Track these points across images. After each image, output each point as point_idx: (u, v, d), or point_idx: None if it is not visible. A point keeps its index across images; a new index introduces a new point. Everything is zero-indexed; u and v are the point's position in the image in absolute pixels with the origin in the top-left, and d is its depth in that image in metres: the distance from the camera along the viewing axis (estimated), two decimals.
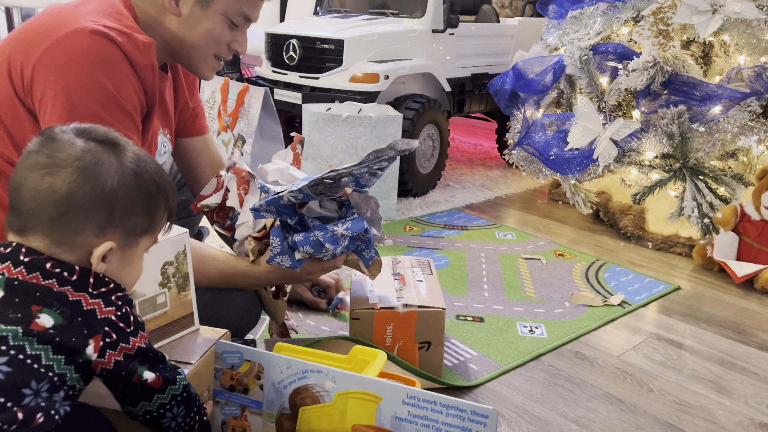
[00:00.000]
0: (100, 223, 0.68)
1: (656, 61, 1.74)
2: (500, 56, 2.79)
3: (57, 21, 0.91)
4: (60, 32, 0.89)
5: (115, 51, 0.91)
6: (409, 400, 0.77)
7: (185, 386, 0.75)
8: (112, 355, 0.68)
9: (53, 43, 0.88)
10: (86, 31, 0.89)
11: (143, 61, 0.95)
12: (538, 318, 1.42)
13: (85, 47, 0.89)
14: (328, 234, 1.00)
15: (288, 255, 1.01)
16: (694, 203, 1.74)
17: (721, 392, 1.17)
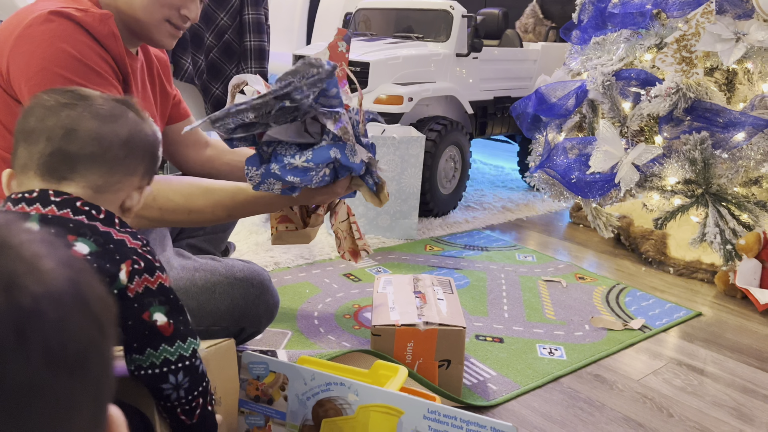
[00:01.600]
0: (147, 167, 0.74)
1: (679, 88, 1.75)
2: (523, 80, 2.82)
3: (22, 14, 0.97)
4: (23, 22, 0.94)
5: (73, 26, 0.95)
6: (430, 414, 0.78)
7: (195, 352, 0.71)
8: (137, 284, 0.67)
9: (19, 33, 0.93)
10: (44, 14, 0.94)
11: (103, 29, 0.98)
12: (558, 340, 1.42)
13: (45, 28, 0.93)
14: (286, 166, 0.92)
15: (275, 182, 0.94)
16: (717, 229, 1.73)
17: (743, 419, 1.16)
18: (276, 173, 0.92)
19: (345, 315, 1.50)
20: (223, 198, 1.03)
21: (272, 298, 1.16)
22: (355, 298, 1.59)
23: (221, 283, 1.11)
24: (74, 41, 0.95)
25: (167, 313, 0.69)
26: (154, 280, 0.69)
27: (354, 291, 1.64)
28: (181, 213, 1.01)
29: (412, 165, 2.05)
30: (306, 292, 1.61)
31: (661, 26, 1.97)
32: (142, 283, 0.68)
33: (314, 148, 0.92)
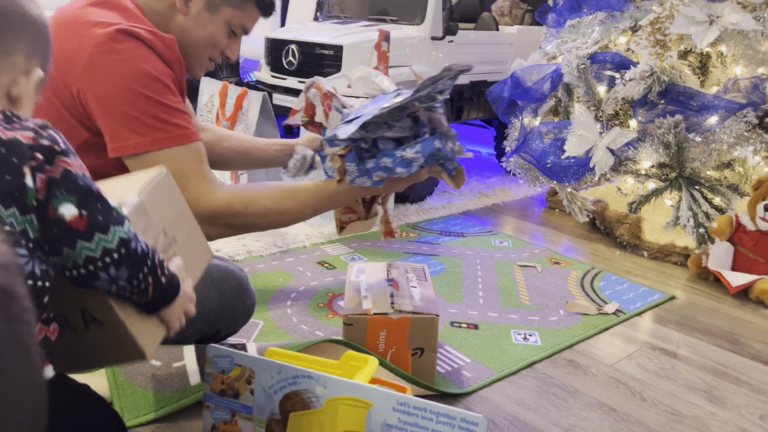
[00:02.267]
0: (31, 46, 0.62)
1: (653, 71, 1.74)
2: (499, 64, 2.80)
3: (80, 30, 0.96)
4: (89, 41, 0.95)
5: (144, 46, 0.97)
6: (400, 407, 0.76)
7: (123, 241, 0.60)
8: (41, 181, 0.57)
9: (91, 53, 0.94)
10: (113, 33, 0.95)
11: (170, 54, 1.02)
12: (533, 326, 1.42)
13: (121, 47, 0.95)
14: (397, 159, 1.00)
15: (367, 176, 1.03)
16: (690, 213, 1.74)
17: (715, 402, 1.16)
18: (387, 166, 1.00)
19: (319, 304, 1.47)
20: (308, 197, 1.07)
21: (249, 300, 1.13)
22: (329, 287, 1.57)
23: (197, 284, 1.07)
24: (150, 60, 0.97)
25: (78, 204, 0.58)
26: (55, 167, 0.57)
27: (328, 279, 1.62)
28: (273, 216, 1.05)
29: None
30: (279, 281, 1.59)
31: (635, 9, 1.96)
32: (45, 176, 0.56)
33: (421, 141, 1.00)
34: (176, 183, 0.89)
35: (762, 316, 1.55)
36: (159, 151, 0.97)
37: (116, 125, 0.95)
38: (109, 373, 1.03)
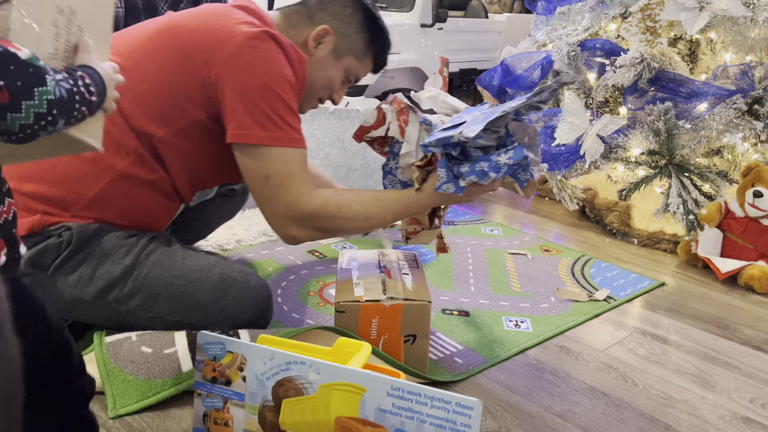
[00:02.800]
0: None
1: (643, 58, 1.74)
2: (488, 52, 2.79)
3: (226, 23, 1.06)
4: (236, 34, 1.04)
5: (284, 55, 1.07)
6: (394, 392, 0.76)
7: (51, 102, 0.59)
8: None
9: (238, 45, 1.03)
10: (261, 33, 1.04)
11: (300, 72, 1.12)
12: (524, 312, 1.42)
13: (268, 47, 1.04)
14: (492, 164, 1.07)
15: (453, 183, 1.10)
16: (680, 200, 1.75)
17: (705, 386, 1.17)
18: (483, 170, 1.07)
19: (309, 292, 1.47)
20: (391, 204, 1.14)
21: (271, 314, 1.17)
22: (320, 275, 1.56)
23: (236, 286, 1.10)
24: (286, 66, 1.07)
25: None
26: None
27: (319, 268, 1.61)
28: (360, 221, 1.12)
29: None
30: (269, 270, 1.58)
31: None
32: None
33: (512, 148, 1.07)
34: (282, 181, 1.03)
35: (751, 301, 1.56)
36: (274, 148, 1.04)
37: (245, 114, 1.02)
38: (100, 361, 1.01)
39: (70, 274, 1.04)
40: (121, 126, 1.06)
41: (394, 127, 1.20)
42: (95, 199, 1.07)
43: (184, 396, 1.01)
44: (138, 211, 1.13)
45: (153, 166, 1.10)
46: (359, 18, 1.21)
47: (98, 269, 1.05)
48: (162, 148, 1.09)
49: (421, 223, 1.30)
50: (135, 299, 1.06)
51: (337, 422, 0.78)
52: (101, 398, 1.00)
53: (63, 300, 1.05)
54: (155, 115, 1.07)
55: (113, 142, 1.05)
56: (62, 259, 1.04)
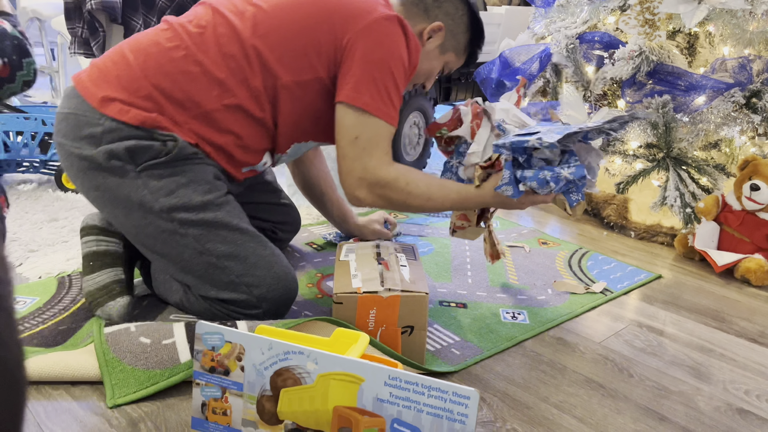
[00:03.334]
0: None
1: (642, 51, 1.74)
2: (487, 45, 2.78)
3: (370, 3, 1.20)
4: (373, 12, 1.18)
5: (406, 43, 1.20)
6: (391, 381, 0.76)
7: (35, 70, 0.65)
8: None
9: (373, 20, 1.17)
10: (395, 17, 1.19)
11: (414, 60, 1.23)
12: (521, 304, 1.43)
13: (397, 30, 1.18)
14: (554, 174, 1.15)
15: (513, 186, 1.18)
16: (677, 193, 1.75)
17: (700, 378, 1.18)
18: (545, 179, 1.15)
19: (308, 284, 1.47)
20: (452, 193, 1.23)
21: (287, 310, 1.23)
22: (318, 267, 1.57)
23: (281, 265, 1.20)
24: (406, 54, 1.20)
25: None
26: None
27: (317, 260, 1.61)
28: (422, 200, 1.21)
29: None
30: None
31: None
32: None
33: (576, 165, 1.16)
34: (368, 146, 1.17)
35: (747, 294, 1.57)
36: (373, 117, 1.17)
37: (362, 81, 1.15)
38: (99, 351, 1.02)
39: (155, 179, 1.13)
40: (253, 62, 1.17)
41: (466, 129, 1.29)
42: (206, 114, 1.16)
43: (183, 386, 1.02)
44: (235, 141, 1.21)
45: (265, 106, 1.20)
46: (467, 20, 1.35)
47: (180, 189, 1.13)
48: (282, 94, 1.19)
49: (470, 220, 1.40)
50: (197, 228, 1.14)
51: (334, 411, 0.79)
52: (100, 388, 1.01)
53: (132, 198, 1.13)
54: (285, 61, 1.17)
55: (242, 73, 1.16)
56: (156, 163, 1.13)
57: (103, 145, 1.12)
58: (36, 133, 1.98)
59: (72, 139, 1.14)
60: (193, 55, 1.16)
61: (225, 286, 1.15)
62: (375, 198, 1.20)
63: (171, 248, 1.15)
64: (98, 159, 1.12)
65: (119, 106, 1.12)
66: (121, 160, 1.12)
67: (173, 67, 1.15)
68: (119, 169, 1.12)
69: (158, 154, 1.13)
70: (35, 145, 1.98)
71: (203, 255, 1.14)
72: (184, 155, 1.14)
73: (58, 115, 1.17)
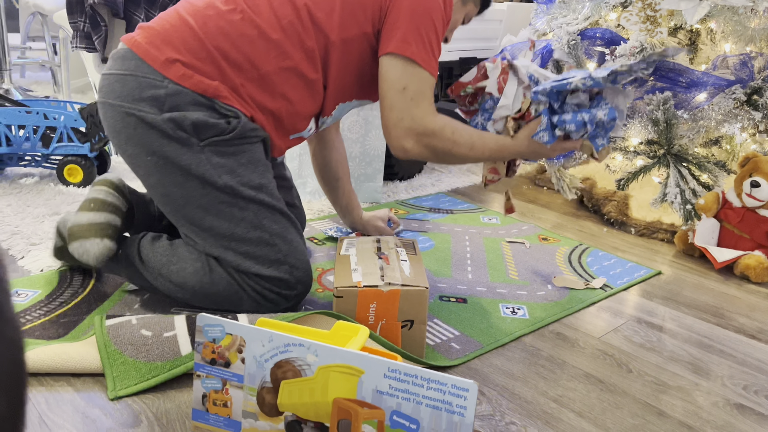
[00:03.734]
0: None
1: (643, 47, 1.74)
2: (489, 41, 2.78)
3: None
4: None
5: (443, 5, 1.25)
6: (391, 373, 0.77)
7: None
8: None
9: None
10: None
11: (449, 13, 1.28)
12: (521, 300, 1.43)
13: None
14: (591, 116, 1.23)
15: (549, 132, 1.26)
16: (677, 189, 1.75)
17: (699, 373, 1.18)
18: (583, 120, 1.23)
19: None
20: (490, 142, 1.30)
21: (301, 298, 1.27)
22: (319, 262, 1.57)
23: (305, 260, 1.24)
24: (447, 8, 1.25)
25: None
26: None
27: (318, 254, 1.62)
28: (465, 148, 1.27)
29: (377, 127, 2.01)
30: None
31: None
32: None
33: (608, 107, 1.23)
34: (416, 96, 1.21)
35: (746, 290, 1.57)
36: (420, 67, 1.21)
37: (409, 33, 1.20)
38: (101, 343, 1.02)
39: (217, 156, 1.16)
40: (306, 22, 1.20)
41: (492, 84, 1.34)
42: (262, 78, 1.19)
43: (184, 378, 1.03)
44: (287, 107, 1.24)
45: (317, 67, 1.23)
46: None
47: (241, 168, 1.18)
48: (332, 53, 1.23)
49: (499, 174, 1.47)
50: (255, 205, 1.19)
51: (334, 403, 0.79)
52: (101, 380, 1.01)
53: (192, 170, 1.15)
54: (333, 19, 1.21)
55: (296, 35, 1.20)
56: (220, 140, 1.16)
57: (167, 109, 1.13)
58: (38, 127, 1.98)
59: (131, 100, 1.14)
60: (250, 17, 1.18)
61: (270, 263, 1.18)
62: (421, 148, 1.24)
63: (225, 221, 1.17)
64: (163, 126, 1.13)
65: (182, 70, 1.14)
66: (186, 132, 1.14)
67: (232, 29, 1.17)
68: (184, 140, 1.14)
69: (222, 132, 1.16)
70: (37, 139, 1.99)
71: (257, 230, 1.18)
72: (243, 134, 1.18)
73: (108, 77, 1.17)
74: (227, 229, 1.17)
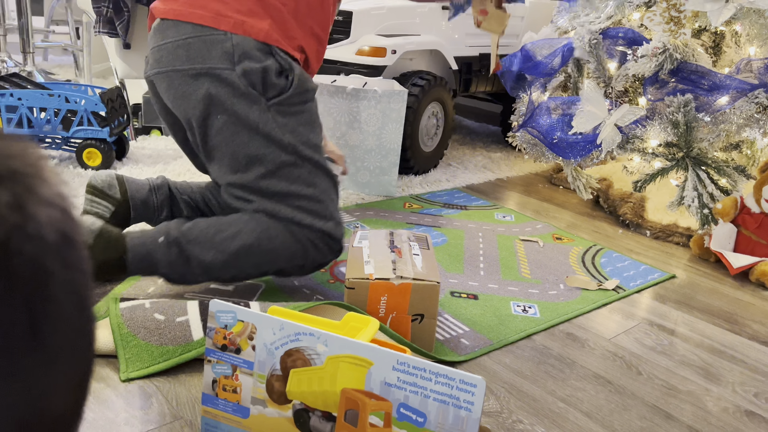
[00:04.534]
0: None
1: (666, 48, 1.72)
2: (509, 37, 2.76)
3: None
4: None
5: None
6: (400, 366, 0.77)
7: None
8: None
9: None
10: None
11: None
12: (533, 298, 1.43)
13: None
14: None
15: None
16: (695, 193, 1.74)
17: (710, 379, 1.18)
18: None
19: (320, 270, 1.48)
20: None
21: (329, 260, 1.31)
22: None
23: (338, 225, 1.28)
24: None
25: None
26: None
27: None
28: None
29: (394, 120, 2.01)
30: None
31: None
32: None
33: None
34: None
35: (761, 297, 1.55)
36: None
37: None
38: (114, 325, 1.04)
39: (281, 116, 1.21)
40: None
41: None
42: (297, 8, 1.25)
43: (194, 363, 1.04)
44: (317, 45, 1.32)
45: None
46: None
47: (300, 127, 1.23)
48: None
49: (487, 12, 1.52)
50: (311, 165, 1.23)
51: (342, 393, 0.80)
52: (113, 362, 1.03)
53: (260, 128, 1.19)
54: None
55: None
56: (282, 99, 1.21)
57: (237, 61, 1.18)
58: (59, 110, 2.00)
59: (202, 60, 1.18)
60: None
61: (320, 218, 1.23)
62: None
63: (284, 179, 1.22)
64: (237, 83, 1.18)
65: (233, 19, 1.18)
66: (256, 89, 1.19)
67: None
68: (255, 97, 1.19)
69: (283, 90, 1.20)
70: (58, 122, 2.01)
71: (311, 187, 1.23)
72: (300, 88, 1.23)
73: (165, 47, 1.20)
74: (285, 187, 1.22)
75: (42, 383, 0.24)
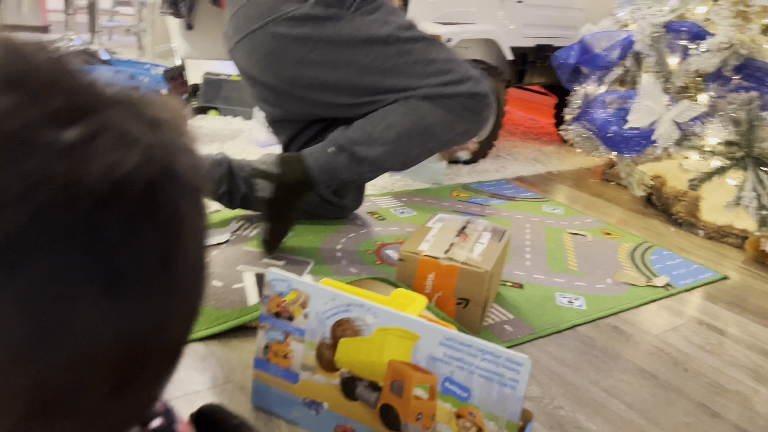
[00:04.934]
0: None
1: (731, 43, 1.68)
2: (568, 29, 2.72)
3: None
4: None
5: None
6: (446, 341, 0.79)
7: None
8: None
9: None
10: None
11: None
12: (579, 291, 1.42)
13: None
14: None
15: None
16: (754, 194, 1.69)
17: (760, 380, 1.15)
18: None
19: (367, 251, 1.51)
20: None
21: None
22: (379, 236, 1.60)
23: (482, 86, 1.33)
24: None
25: None
26: None
27: (377, 229, 1.65)
28: None
29: None
30: (330, 227, 1.63)
31: None
32: None
33: None
34: None
35: None
36: None
37: None
38: None
39: (367, 15, 1.26)
40: None
41: None
42: None
43: (246, 330, 1.08)
44: None
45: None
46: None
47: (389, 17, 1.28)
48: None
49: None
50: (418, 43, 1.28)
51: (389, 365, 0.82)
52: None
53: (356, 37, 1.24)
54: None
55: None
56: (360, 1, 1.26)
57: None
58: None
59: (273, 12, 1.24)
60: None
61: (458, 83, 1.28)
62: None
63: (401, 75, 1.26)
64: (314, 12, 1.23)
65: None
66: (333, 6, 1.24)
67: None
68: (336, 15, 1.24)
69: None
70: None
71: (431, 64, 1.27)
72: None
73: (236, 15, 1.27)
74: (406, 81, 1.27)
75: (165, 310, 0.27)
